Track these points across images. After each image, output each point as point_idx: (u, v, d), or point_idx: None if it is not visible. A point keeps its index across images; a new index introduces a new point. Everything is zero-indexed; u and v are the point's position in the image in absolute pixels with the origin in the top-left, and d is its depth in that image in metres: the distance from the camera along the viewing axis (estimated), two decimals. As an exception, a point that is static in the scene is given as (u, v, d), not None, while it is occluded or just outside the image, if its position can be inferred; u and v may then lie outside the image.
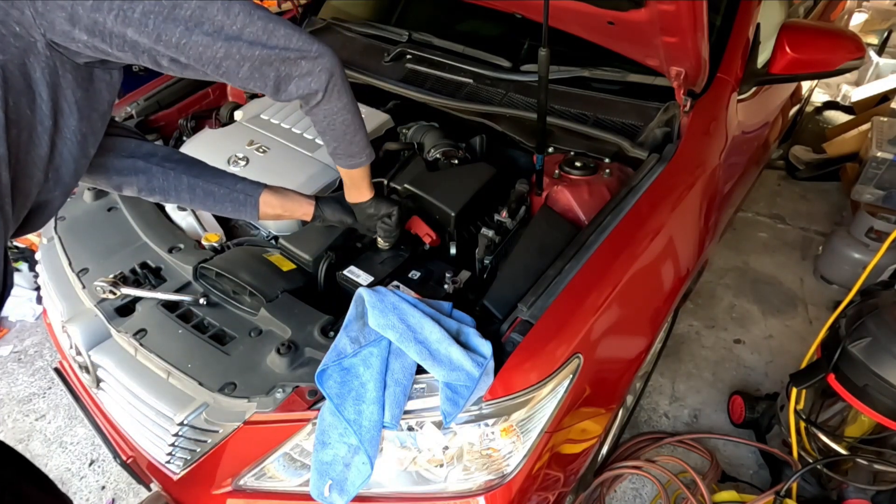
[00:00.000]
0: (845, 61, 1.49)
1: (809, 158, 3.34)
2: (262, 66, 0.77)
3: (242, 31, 0.73)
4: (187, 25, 0.70)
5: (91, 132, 0.79)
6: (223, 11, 0.71)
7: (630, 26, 1.13)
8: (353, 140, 0.98)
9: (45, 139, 0.72)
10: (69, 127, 0.74)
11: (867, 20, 4.74)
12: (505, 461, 0.98)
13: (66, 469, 1.80)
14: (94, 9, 0.65)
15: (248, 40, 0.74)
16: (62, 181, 0.78)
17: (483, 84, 1.65)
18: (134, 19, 0.67)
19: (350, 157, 1.03)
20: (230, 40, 0.73)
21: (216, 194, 1.07)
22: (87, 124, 0.77)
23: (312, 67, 0.81)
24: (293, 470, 1.00)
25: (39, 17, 0.64)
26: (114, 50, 0.69)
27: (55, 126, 0.72)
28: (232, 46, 0.73)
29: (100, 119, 0.79)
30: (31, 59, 0.66)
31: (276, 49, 0.76)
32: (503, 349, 0.96)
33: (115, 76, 0.79)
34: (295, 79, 0.81)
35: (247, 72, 0.77)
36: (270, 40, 0.76)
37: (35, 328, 2.30)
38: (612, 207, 1.21)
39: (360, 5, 2.21)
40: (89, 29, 0.66)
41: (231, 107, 1.74)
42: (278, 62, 0.78)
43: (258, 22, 0.74)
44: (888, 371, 1.27)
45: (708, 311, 2.40)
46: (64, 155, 0.76)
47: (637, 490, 1.75)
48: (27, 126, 0.69)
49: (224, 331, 1.11)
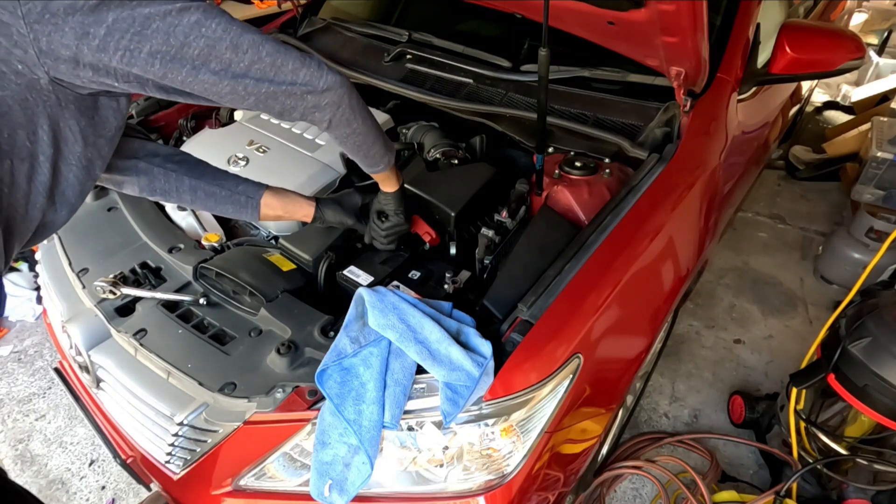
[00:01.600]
0: (845, 61, 1.48)
1: (809, 158, 3.34)
2: (267, 100, 0.77)
3: (250, 68, 0.72)
4: (194, 65, 0.69)
5: (98, 156, 0.79)
6: (232, 49, 0.70)
7: (630, 26, 1.13)
8: (368, 153, 1.00)
9: (46, 167, 0.71)
10: (74, 154, 0.74)
11: (867, 20, 4.74)
12: (505, 461, 0.98)
13: (66, 469, 1.80)
14: (100, 49, 0.64)
15: (255, 77, 0.73)
16: (67, 202, 0.79)
17: (483, 84, 1.65)
18: (140, 59, 0.66)
19: (369, 167, 1.05)
20: (237, 78, 0.72)
21: (217, 196, 1.08)
22: (93, 150, 0.77)
23: (318, 101, 0.81)
24: (293, 470, 1.00)
25: (43, 56, 0.63)
26: (119, 83, 0.69)
27: (58, 153, 0.72)
28: (238, 84, 0.73)
29: (107, 144, 0.80)
30: (33, 94, 0.66)
31: (283, 85, 0.76)
32: (503, 349, 0.96)
33: (122, 102, 0.78)
34: (300, 110, 0.81)
35: (252, 104, 0.77)
36: (277, 76, 0.75)
37: (35, 328, 2.30)
38: (612, 207, 1.21)
39: (360, 5, 2.21)
40: (94, 67, 0.66)
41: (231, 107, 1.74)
42: (283, 96, 0.77)
43: (266, 59, 0.73)
44: (888, 371, 1.27)
45: (708, 311, 2.40)
46: (70, 180, 0.76)
47: (637, 490, 1.75)
48: (27, 157, 0.69)
49: (224, 331, 1.11)
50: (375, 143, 0.98)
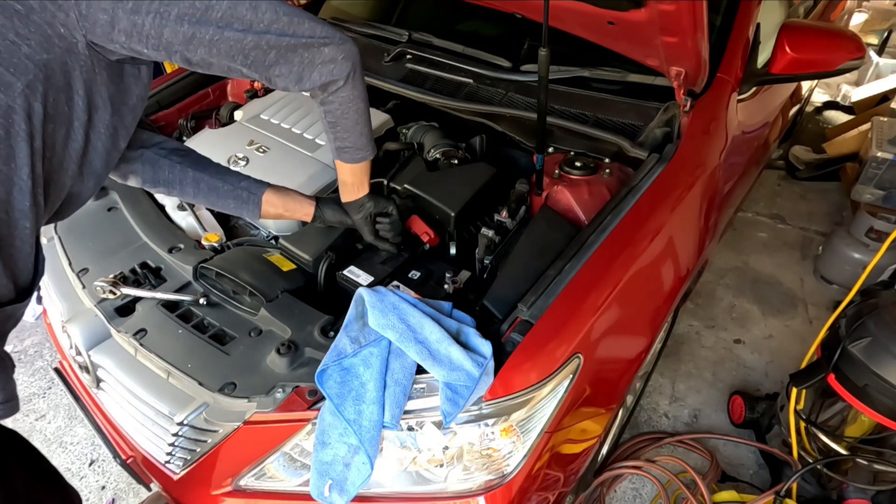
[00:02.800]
0: (845, 61, 1.48)
1: (809, 158, 3.34)
2: (287, 53, 0.81)
3: (270, 26, 0.78)
4: (219, 25, 0.74)
5: (122, 125, 0.82)
6: (252, 10, 0.76)
7: (630, 26, 1.13)
8: (363, 131, 1.00)
9: (80, 133, 0.75)
10: (102, 121, 0.77)
11: (867, 20, 4.74)
12: (505, 461, 0.98)
13: (66, 469, 1.80)
14: (134, 11, 0.69)
15: (276, 32, 0.79)
16: (94, 172, 0.81)
17: (483, 84, 1.65)
18: (170, 21, 0.71)
19: (357, 150, 1.03)
20: (259, 34, 0.77)
21: (220, 190, 1.08)
22: (117, 118, 0.80)
23: (336, 54, 0.85)
24: (293, 470, 1.00)
25: (82, 20, 0.67)
26: (149, 50, 0.74)
27: (90, 121, 0.75)
28: (261, 39, 0.78)
29: (129, 112, 0.82)
30: (71, 58, 0.69)
31: (303, 37, 0.81)
32: (503, 349, 0.96)
33: (143, 71, 0.82)
34: (318, 65, 0.84)
35: (273, 58, 0.81)
36: (297, 31, 0.80)
37: (35, 328, 2.30)
38: (612, 207, 1.21)
39: (360, 5, 2.21)
40: (127, 31, 0.70)
41: (231, 107, 1.74)
42: (303, 49, 0.82)
43: (283, 17, 0.79)
44: (888, 371, 1.27)
45: (708, 311, 2.40)
46: (98, 148, 0.79)
47: (637, 490, 1.75)
48: (65, 121, 0.72)
49: (224, 331, 1.11)
50: (368, 121, 1.00)
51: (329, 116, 0.95)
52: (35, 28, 0.64)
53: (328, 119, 0.96)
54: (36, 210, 0.72)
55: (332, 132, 0.99)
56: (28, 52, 0.64)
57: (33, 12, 0.64)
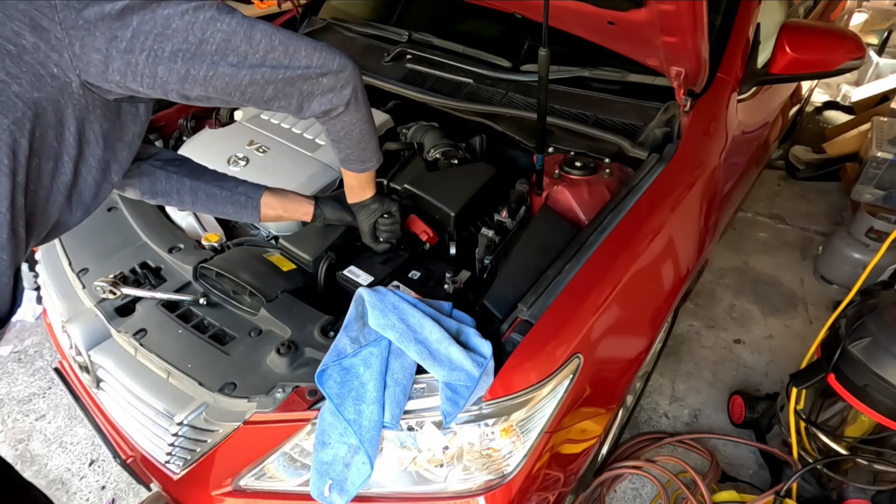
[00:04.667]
0: (845, 61, 1.48)
1: (809, 158, 3.34)
2: (285, 87, 0.80)
3: (265, 58, 0.76)
4: (213, 59, 0.73)
5: (115, 160, 0.82)
6: (246, 41, 0.74)
7: (630, 26, 1.13)
8: (367, 146, 1.01)
9: (69, 167, 0.74)
10: (94, 156, 0.77)
11: (867, 20, 4.74)
12: (505, 461, 0.98)
13: (66, 469, 1.80)
14: (128, 50, 0.68)
15: (272, 65, 0.77)
16: (83, 203, 0.81)
17: (483, 84, 1.65)
18: (164, 58, 0.70)
19: (361, 163, 1.05)
20: (254, 67, 0.76)
21: (218, 196, 1.09)
22: (111, 153, 0.80)
23: (334, 83, 0.84)
24: (293, 470, 1.00)
25: (76, 59, 0.67)
26: (144, 89, 0.72)
27: (80, 155, 0.75)
28: (256, 73, 0.76)
29: (125, 148, 0.82)
30: (64, 97, 0.68)
31: (300, 69, 0.79)
32: (503, 349, 0.96)
33: (141, 109, 0.82)
34: (318, 96, 0.84)
35: (271, 93, 0.79)
36: (293, 62, 0.78)
37: (35, 328, 2.30)
38: (612, 207, 1.21)
39: (360, 5, 2.21)
40: (122, 70, 0.69)
41: (231, 107, 1.74)
42: (300, 81, 0.80)
43: (279, 47, 0.77)
44: (888, 371, 1.27)
45: (708, 311, 2.40)
46: (88, 181, 0.79)
47: (637, 490, 1.75)
48: (53, 156, 0.72)
49: (224, 331, 1.11)
50: (374, 135, 1.00)
51: (332, 135, 0.97)
52: (27, 68, 0.64)
53: (332, 137, 0.97)
54: (15, 242, 0.71)
55: (336, 147, 1.00)
56: (18, 91, 0.64)
57: (25, 52, 0.63)
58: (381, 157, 1.07)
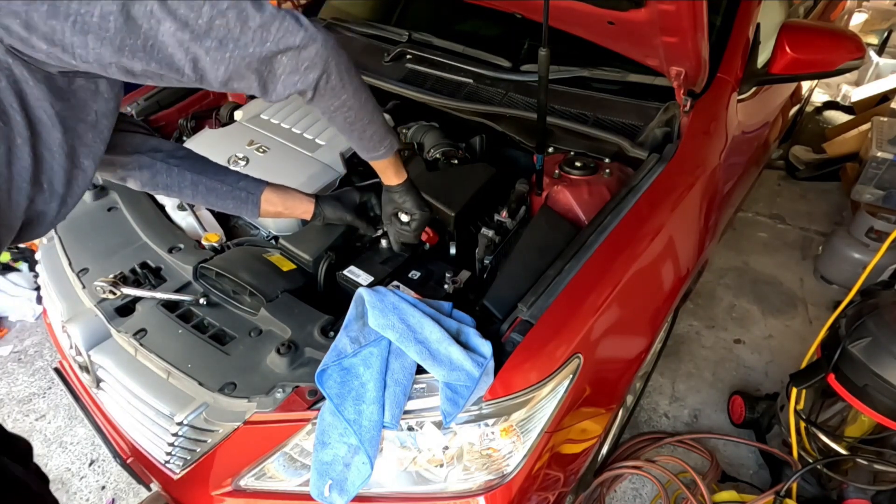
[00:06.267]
0: (845, 61, 1.48)
1: (809, 158, 3.34)
2: (240, 69, 0.69)
3: (211, 25, 0.64)
4: (150, 24, 0.62)
5: (81, 144, 0.75)
6: (185, 4, 0.63)
7: (630, 26, 1.13)
8: (363, 135, 0.91)
9: (25, 151, 0.68)
10: (54, 140, 0.71)
11: (867, 20, 4.74)
12: (505, 461, 0.98)
13: (66, 469, 1.80)
14: (51, 14, 0.59)
15: (219, 37, 0.65)
16: (56, 193, 0.76)
17: (483, 84, 1.65)
18: (93, 24, 0.60)
19: (367, 151, 0.96)
20: (198, 39, 0.64)
21: (218, 191, 1.08)
22: (73, 136, 0.73)
23: (297, 64, 0.72)
24: (293, 470, 1.00)
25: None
26: (77, 62, 0.63)
27: (36, 137, 0.69)
28: (200, 47, 0.65)
29: (89, 130, 0.75)
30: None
31: (251, 45, 0.67)
32: (503, 349, 0.96)
33: (101, 85, 0.73)
34: (281, 77, 0.72)
35: (223, 75, 0.69)
36: (244, 34, 0.66)
37: (35, 328, 2.30)
38: (612, 207, 1.21)
39: (360, 5, 2.21)
40: (47, 38, 0.60)
41: (231, 107, 1.74)
42: (258, 62, 0.69)
43: (228, 13, 0.65)
44: (888, 371, 1.27)
45: (708, 311, 2.40)
46: (55, 168, 0.73)
47: (637, 490, 1.75)
48: (3, 139, 0.66)
49: (224, 331, 1.11)
50: (372, 122, 0.89)
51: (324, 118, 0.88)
52: None
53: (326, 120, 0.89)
54: None
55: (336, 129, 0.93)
56: None
57: None
58: (394, 145, 0.97)
